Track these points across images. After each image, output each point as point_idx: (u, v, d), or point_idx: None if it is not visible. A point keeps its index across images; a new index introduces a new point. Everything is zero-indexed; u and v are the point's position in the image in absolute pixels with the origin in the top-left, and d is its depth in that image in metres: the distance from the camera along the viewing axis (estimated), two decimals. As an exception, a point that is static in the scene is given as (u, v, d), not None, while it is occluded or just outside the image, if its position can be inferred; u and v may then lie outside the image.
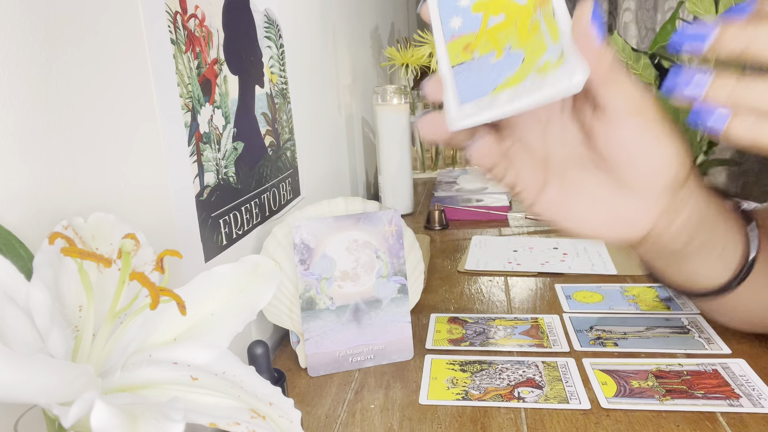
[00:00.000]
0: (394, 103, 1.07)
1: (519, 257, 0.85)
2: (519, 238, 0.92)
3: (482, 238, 0.95)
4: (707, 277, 0.47)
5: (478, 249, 0.89)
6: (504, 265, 0.82)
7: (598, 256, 0.83)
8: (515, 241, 0.91)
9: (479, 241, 0.93)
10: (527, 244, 0.89)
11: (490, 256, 0.86)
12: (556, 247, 0.88)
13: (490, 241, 0.93)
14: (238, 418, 0.25)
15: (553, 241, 0.90)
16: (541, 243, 0.90)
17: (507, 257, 0.85)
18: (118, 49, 0.41)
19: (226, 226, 0.57)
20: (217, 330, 0.31)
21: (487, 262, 0.83)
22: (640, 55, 1.49)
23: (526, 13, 0.37)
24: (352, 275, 0.58)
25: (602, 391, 0.51)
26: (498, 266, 0.82)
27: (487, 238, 0.95)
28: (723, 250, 0.46)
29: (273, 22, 0.71)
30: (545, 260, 0.83)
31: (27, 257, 0.29)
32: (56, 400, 0.21)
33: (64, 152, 0.36)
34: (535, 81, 0.35)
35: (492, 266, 0.82)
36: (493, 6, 0.39)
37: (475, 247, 0.90)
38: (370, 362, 0.59)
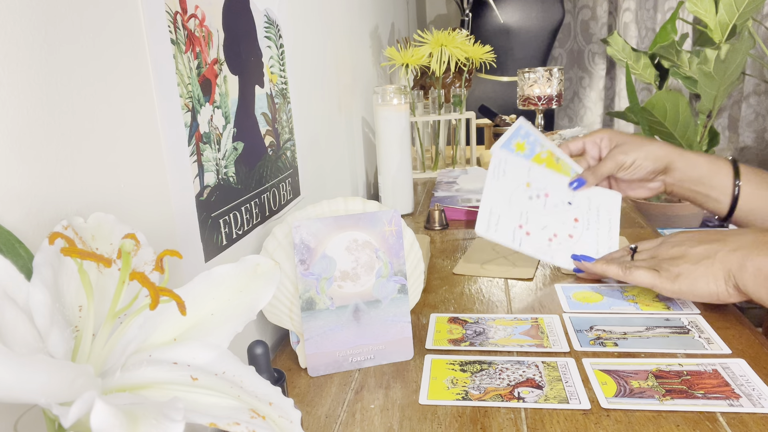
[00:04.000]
0: (394, 103, 1.07)
1: (530, 219, 0.79)
2: (538, 180, 0.83)
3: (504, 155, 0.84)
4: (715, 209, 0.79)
5: (496, 182, 0.81)
6: (513, 232, 0.78)
7: (607, 230, 0.81)
8: (535, 185, 0.82)
9: (500, 161, 0.82)
10: (544, 189, 0.82)
11: (505, 205, 0.79)
12: (570, 203, 0.82)
13: (509, 168, 0.83)
14: (238, 418, 0.25)
15: (569, 195, 0.83)
16: (558, 190, 0.82)
17: (519, 215, 0.80)
18: (119, 49, 0.41)
19: (226, 226, 0.57)
20: (217, 330, 0.31)
21: (499, 218, 0.78)
22: (640, 55, 1.49)
23: (550, 161, 0.83)
24: (352, 275, 0.58)
25: (602, 391, 0.51)
26: (508, 227, 0.78)
27: (509, 155, 0.84)
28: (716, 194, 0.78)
29: (273, 22, 0.71)
30: (554, 232, 0.79)
31: (27, 257, 0.29)
32: (56, 400, 0.21)
33: (64, 152, 0.36)
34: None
35: (503, 225, 0.77)
36: (537, 160, 0.83)
37: (492, 180, 0.81)
38: (370, 362, 0.59)
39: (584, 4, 2.50)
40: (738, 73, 1.25)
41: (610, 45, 1.53)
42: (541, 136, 0.83)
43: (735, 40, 1.23)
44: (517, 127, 0.82)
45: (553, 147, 0.82)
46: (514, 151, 0.81)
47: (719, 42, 1.30)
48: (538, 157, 0.81)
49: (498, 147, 0.81)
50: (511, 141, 0.82)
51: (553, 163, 0.81)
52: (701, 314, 0.65)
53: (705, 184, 0.76)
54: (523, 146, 0.82)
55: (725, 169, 0.76)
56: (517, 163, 0.80)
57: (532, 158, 0.81)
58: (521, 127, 0.82)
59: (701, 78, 1.26)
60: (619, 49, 1.51)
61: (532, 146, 0.82)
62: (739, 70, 1.23)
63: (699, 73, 1.26)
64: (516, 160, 0.81)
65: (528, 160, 0.81)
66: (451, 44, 1.32)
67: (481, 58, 1.37)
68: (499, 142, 0.82)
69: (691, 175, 0.77)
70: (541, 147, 0.82)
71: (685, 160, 0.77)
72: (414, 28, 2.42)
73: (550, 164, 0.82)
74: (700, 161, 0.77)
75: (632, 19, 2.39)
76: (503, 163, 0.81)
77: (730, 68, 1.21)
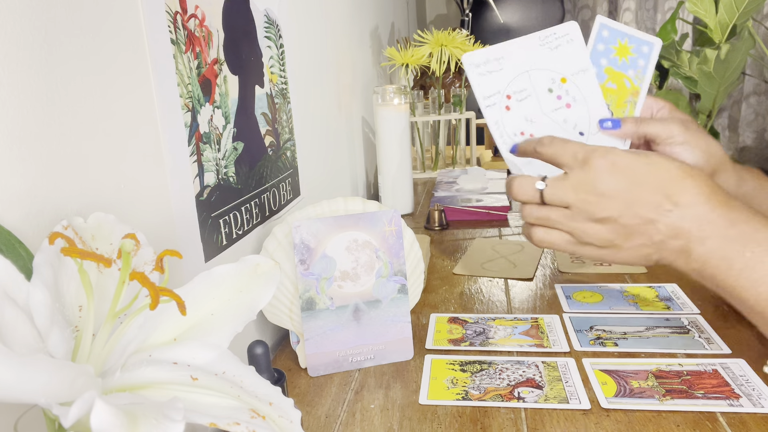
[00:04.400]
0: (395, 103, 1.07)
1: (526, 104, 0.64)
2: (576, 85, 0.65)
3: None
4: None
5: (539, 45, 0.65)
6: (499, 95, 0.64)
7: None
8: (569, 86, 0.64)
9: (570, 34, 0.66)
10: (572, 99, 0.64)
11: (516, 67, 0.64)
12: (583, 133, 0.66)
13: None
14: (238, 418, 0.25)
15: (590, 124, 0.65)
16: (582, 110, 0.64)
17: (516, 83, 0.64)
18: (118, 49, 0.41)
19: (226, 226, 0.57)
20: (217, 330, 0.31)
21: (501, 69, 0.63)
22: (640, 55, 1.49)
23: (625, 94, 0.63)
24: (352, 275, 0.58)
25: (602, 391, 0.51)
26: (500, 82, 0.64)
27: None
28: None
29: (273, 22, 0.71)
30: (531, 132, 0.65)
31: (27, 257, 0.29)
32: (56, 400, 0.21)
33: (64, 152, 0.36)
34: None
35: (497, 77, 0.64)
36: (614, 77, 0.63)
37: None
38: (370, 362, 0.59)
39: (584, 4, 2.50)
40: (738, 73, 1.25)
41: (610, 45, 1.53)
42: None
43: (735, 40, 1.23)
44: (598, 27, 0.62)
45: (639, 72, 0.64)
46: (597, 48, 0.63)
47: (719, 42, 1.30)
48: (610, 69, 0.63)
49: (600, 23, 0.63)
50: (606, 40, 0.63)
51: (617, 82, 0.63)
52: (701, 314, 0.65)
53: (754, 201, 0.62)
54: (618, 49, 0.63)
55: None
56: (579, 53, 0.61)
57: (604, 62, 0.63)
58: (602, 26, 0.63)
59: (701, 78, 1.26)
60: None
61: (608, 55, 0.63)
62: (739, 70, 1.23)
63: (699, 73, 1.26)
64: (580, 51, 0.61)
65: (597, 58, 0.62)
66: (451, 44, 1.32)
67: (481, 58, 1.37)
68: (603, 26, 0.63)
69: (736, 191, 0.63)
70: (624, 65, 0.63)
71: (736, 172, 0.63)
72: (414, 28, 2.42)
73: (613, 78, 0.63)
74: (746, 177, 0.65)
75: (632, 19, 2.38)
76: (571, 37, 0.62)
77: (730, 68, 1.21)
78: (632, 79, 0.63)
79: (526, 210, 0.55)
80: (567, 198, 0.52)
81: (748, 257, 0.47)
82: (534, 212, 0.55)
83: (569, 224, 0.53)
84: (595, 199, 0.51)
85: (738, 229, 0.48)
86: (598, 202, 0.51)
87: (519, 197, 0.56)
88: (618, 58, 0.63)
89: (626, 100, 0.64)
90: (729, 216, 0.48)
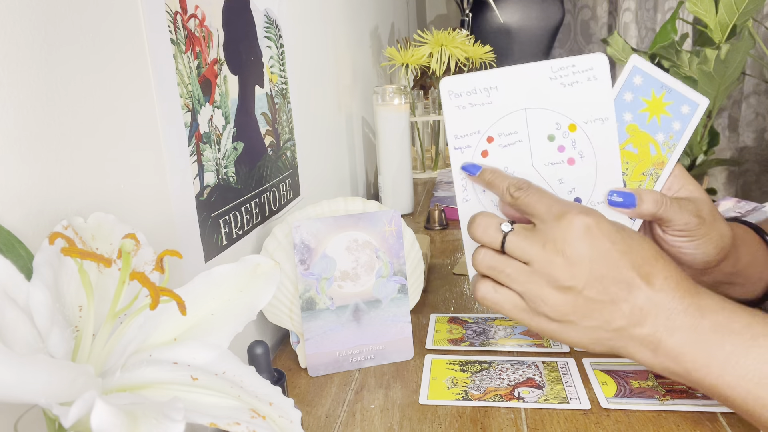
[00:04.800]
0: (395, 103, 1.07)
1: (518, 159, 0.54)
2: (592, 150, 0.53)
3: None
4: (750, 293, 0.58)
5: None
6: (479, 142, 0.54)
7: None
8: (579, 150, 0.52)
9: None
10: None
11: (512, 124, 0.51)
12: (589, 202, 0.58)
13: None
14: (238, 418, 0.25)
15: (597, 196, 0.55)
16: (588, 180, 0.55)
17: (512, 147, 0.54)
18: (118, 49, 0.41)
19: (226, 226, 0.57)
20: (217, 330, 0.31)
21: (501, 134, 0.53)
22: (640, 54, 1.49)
23: (647, 162, 0.50)
24: (352, 275, 0.58)
25: (602, 391, 0.51)
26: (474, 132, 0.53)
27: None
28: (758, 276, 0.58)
29: (273, 22, 0.71)
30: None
31: (27, 257, 0.29)
32: (56, 400, 0.21)
33: (64, 152, 0.36)
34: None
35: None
36: (637, 139, 0.49)
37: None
38: (370, 362, 0.59)
39: (584, 4, 2.50)
40: (738, 73, 1.25)
41: (610, 45, 1.53)
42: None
43: (735, 40, 1.23)
44: (630, 69, 0.49)
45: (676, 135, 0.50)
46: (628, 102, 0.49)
47: (719, 42, 1.30)
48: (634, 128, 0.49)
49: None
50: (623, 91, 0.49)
51: (640, 146, 0.50)
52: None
53: (742, 275, 0.57)
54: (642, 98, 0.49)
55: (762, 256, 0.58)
56: (601, 96, 0.48)
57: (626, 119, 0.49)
58: (635, 69, 0.49)
59: (701, 78, 1.27)
60: (619, 49, 1.51)
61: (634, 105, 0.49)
62: (739, 70, 1.23)
63: (699, 73, 1.26)
64: (604, 93, 0.48)
65: (620, 110, 0.49)
66: (451, 44, 1.32)
67: (481, 58, 1.37)
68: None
69: (733, 269, 0.57)
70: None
71: (736, 249, 0.55)
72: (414, 28, 2.42)
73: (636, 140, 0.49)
74: (741, 252, 0.57)
75: (632, 19, 2.39)
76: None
77: (730, 68, 1.22)
78: (660, 146, 0.49)
79: (479, 256, 0.46)
80: (530, 252, 0.44)
81: (728, 350, 0.41)
82: (487, 259, 0.46)
83: (524, 284, 0.44)
84: (562, 263, 0.43)
85: (710, 319, 0.42)
86: (564, 267, 0.43)
87: (478, 236, 0.46)
88: (647, 115, 0.49)
89: (646, 171, 0.50)
90: (699, 304, 0.43)
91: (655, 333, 0.42)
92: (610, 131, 0.48)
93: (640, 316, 0.43)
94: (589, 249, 0.43)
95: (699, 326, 0.42)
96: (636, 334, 0.43)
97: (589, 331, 0.44)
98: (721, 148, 2.22)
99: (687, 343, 0.42)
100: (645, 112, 0.49)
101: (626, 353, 0.44)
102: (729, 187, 2.19)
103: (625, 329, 0.43)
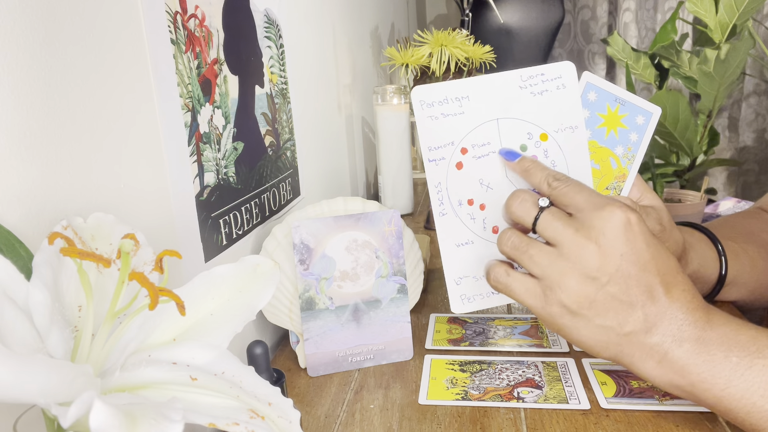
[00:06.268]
0: (394, 103, 1.07)
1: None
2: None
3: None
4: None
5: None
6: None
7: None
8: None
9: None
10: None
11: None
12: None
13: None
14: (237, 418, 0.25)
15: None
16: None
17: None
18: (118, 49, 0.41)
19: (226, 226, 0.57)
20: (216, 330, 0.31)
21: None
22: (640, 55, 1.49)
23: (609, 177, 0.50)
24: (351, 275, 0.58)
25: (602, 391, 0.51)
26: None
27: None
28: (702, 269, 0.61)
29: (273, 22, 0.71)
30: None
31: (27, 257, 0.29)
32: (55, 400, 0.21)
33: (63, 152, 0.36)
34: None
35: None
36: (598, 155, 0.50)
37: None
38: (370, 362, 0.59)
39: (584, 4, 2.50)
40: (738, 73, 1.25)
41: (610, 45, 1.53)
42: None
43: (735, 40, 1.23)
44: (583, 86, 0.49)
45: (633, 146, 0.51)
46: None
47: (719, 42, 1.30)
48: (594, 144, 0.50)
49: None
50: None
51: (602, 161, 0.51)
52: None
53: (693, 278, 0.58)
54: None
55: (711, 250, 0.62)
56: (570, 104, 0.48)
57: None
58: (589, 85, 0.49)
59: (701, 78, 1.27)
60: (619, 49, 1.51)
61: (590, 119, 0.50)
62: (739, 70, 1.23)
63: (699, 73, 1.26)
64: (572, 101, 0.48)
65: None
66: (451, 44, 1.31)
67: (481, 58, 1.37)
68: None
69: (689, 272, 0.60)
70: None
71: (686, 252, 0.58)
72: (414, 28, 2.42)
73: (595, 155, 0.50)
74: (692, 257, 0.60)
75: (632, 19, 2.38)
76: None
77: (730, 68, 1.21)
78: (620, 159, 0.50)
79: (505, 235, 0.45)
80: (563, 233, 0.43)
81: (734, 362, 0.41)
82: (514, 238, 0.45)
83: (546, 268, 0.43)
84: (594, 250, 0.42)
85: (718, 332, 0.42)
86: (594, 255, 0.42)
87: (514, 208, 0.45)
88: (605, 130, 0.50)
89: (609, 185, 0.51)
90: (708, 318, 0.43)
91: (663, 343, 0.42)
92: (580, 139, 0.48)
93: (652, 324, 0.42)
94: (624, 244, 0.42)
95: (706, 338, 0.42)
96: (645, 342, 0.42)
97: (600, 331, 0.43)
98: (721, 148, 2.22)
99: (693, 354, 0.41)
100: (602, 127, 0.50)
101: (630, 362, 0.44)
102: (729, 187, 2.19)
103: (636, 335, 0.43)
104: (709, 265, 0.61)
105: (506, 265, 0.46)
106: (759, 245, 0.65)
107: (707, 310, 0.43)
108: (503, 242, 0.46)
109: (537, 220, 0.44)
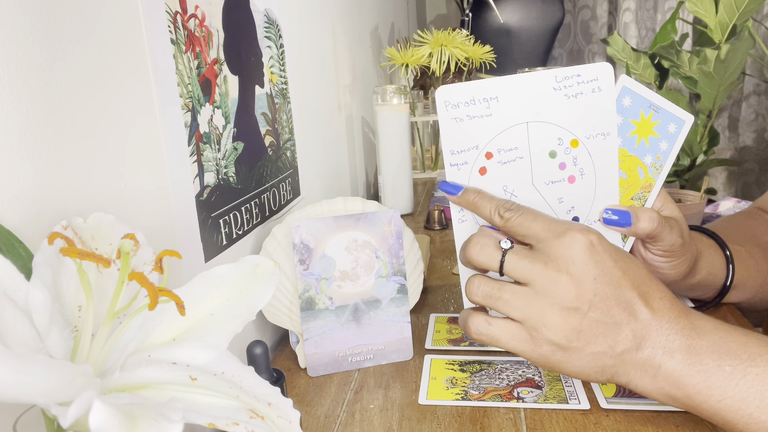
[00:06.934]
0: (394, 103, 1.07)
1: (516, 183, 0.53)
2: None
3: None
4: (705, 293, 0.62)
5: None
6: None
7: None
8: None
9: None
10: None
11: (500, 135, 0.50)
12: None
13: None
14: (236, 418, 0.25)
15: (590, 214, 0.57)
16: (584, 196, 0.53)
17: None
18: (118, 50, 0.41)
19: (226, 226, 0.57)
20: (216, 330, 0.31)
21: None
22: (640, 55, 1.49)
23: (636, 187, 0.49)
24: (351, 275, 0.58)
25: (601, 391, 0.51)
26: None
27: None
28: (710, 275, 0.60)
29: (273, 22, 0.71)
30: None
31: (27, 257, 0.29)
32: (55, 400, 0.21)
33: (63, 152, 0.36)
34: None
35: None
36: (627, 163, 0.48)
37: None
38: (370, 362, 0.59)
39: (584, 4, 2.50)
40: (738, 73, 1.25)
41: (610, 45, 1.53)
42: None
43: (735, 40, 1.23)
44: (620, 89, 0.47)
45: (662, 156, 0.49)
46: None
47: (719, 42, 1.30)
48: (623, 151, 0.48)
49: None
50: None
51: (629, 171, 0.48)
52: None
53: (701, 285, 0.60)
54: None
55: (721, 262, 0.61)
56: (604, 110, 0.46)
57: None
58: (625, 90, 0.47)
59: (701, 78, 1.27)
60: (619, 49, 1.51)
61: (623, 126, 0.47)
62: (739, 70, 1.23)
63: (699, 73, 1.26)
64: (607, 106, 0.45)
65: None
66: (451, 44, 1.32)
67: (481, 58, 1.37)
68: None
69: (699, 280, 0.59)
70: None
71: (696, 265, 0.57)
72: (414, 28, 2.42)
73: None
74: (701, 265, 0.59)
75: (632, 19, 2.38)
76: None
77: (730, 68, 1.21)
78: (648, 168, 0.48)
79: (473, 284, 0.43)
80: (532, 271, 0.41)
81: (728, 372, 0.40)
82: (483, 286, 0.43)
83: (525, 310, 0.42)
84: (567, 281, 0.41)
85: (707, 340, 0.41)
86: (569, 286, 0.41)
87: (474, 256, 0.43)
88: (636, 138, 0.47)
89: (635, 195, 0.49)
90: (693, 325, 0.42)
91: (654, 356, 0.42)
92: (611, 147, 0.46)
93: (641, 338, 0.42)
94: (594, 267, 0.41)
95: (696, 347, 0.41)
96: (638, 358, 0.42)
97: (593, 358, 0.42)
98: (721, 148, 2.22)
99: (686, 365, 0.41)
100: (634, 134, 0.47)
101: (627, 381, 0.43)
102: (729, 187, 2.19)
103: (628, 353, 0.42)
104: (718, 273, 0.61)
105: (482, 313, 0.44)
106: (763, 248, 0.65)
107: (689, 316, 0.43)
108: (473, 292, 0.44)
109: (503, 264, 0.42)
